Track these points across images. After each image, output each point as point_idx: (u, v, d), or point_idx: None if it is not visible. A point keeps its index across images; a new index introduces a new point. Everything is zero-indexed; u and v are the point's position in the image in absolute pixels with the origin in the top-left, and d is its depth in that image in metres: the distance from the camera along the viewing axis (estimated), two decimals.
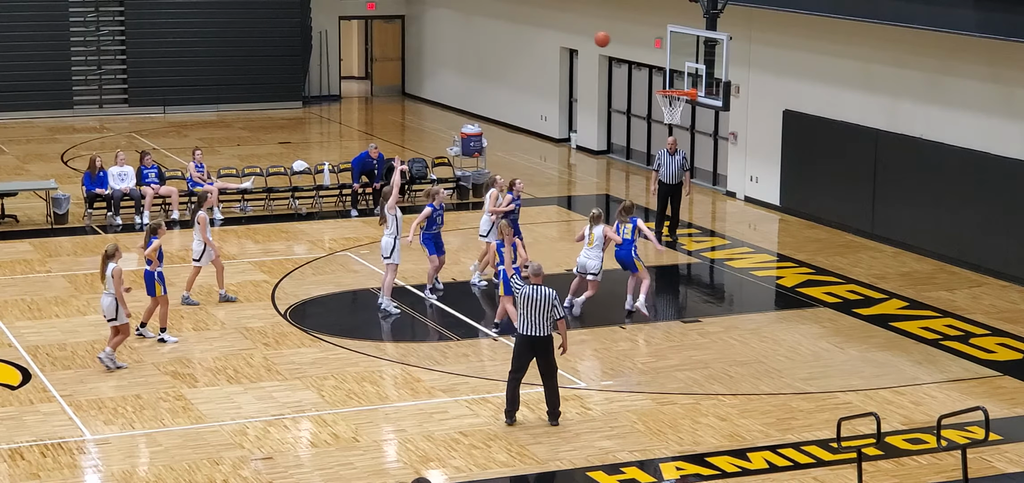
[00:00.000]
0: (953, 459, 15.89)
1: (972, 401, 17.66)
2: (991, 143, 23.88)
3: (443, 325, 21.03)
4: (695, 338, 20.62)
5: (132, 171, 27.09)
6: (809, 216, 27.71)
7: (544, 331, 16.82)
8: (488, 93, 38.57)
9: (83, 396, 17.82)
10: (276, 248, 25.38)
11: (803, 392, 18.39)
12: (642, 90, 33.22)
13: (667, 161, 25.94)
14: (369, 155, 28.23)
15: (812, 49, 27.58)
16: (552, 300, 16.79)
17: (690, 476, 15.79)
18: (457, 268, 24.09)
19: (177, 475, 15.53)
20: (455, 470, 15.79)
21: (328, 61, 42.53)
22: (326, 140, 37.39)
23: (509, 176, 24.61)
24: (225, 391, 18.15)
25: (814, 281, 23.63)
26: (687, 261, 25.41)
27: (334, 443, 16.47)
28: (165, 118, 38.81)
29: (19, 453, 16.08)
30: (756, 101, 29.06)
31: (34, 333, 20.25)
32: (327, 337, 20.41)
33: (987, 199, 23.93)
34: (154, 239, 19.73)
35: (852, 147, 26.59)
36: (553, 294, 16.84)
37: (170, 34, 39.26)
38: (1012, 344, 20.42)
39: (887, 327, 21.15)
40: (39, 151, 33.85)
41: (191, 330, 20.54)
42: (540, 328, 16.79)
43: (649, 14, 31.30)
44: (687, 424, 17.20)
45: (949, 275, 23.98)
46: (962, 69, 24.46)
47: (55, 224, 26.61)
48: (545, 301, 16.75)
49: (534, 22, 36.46)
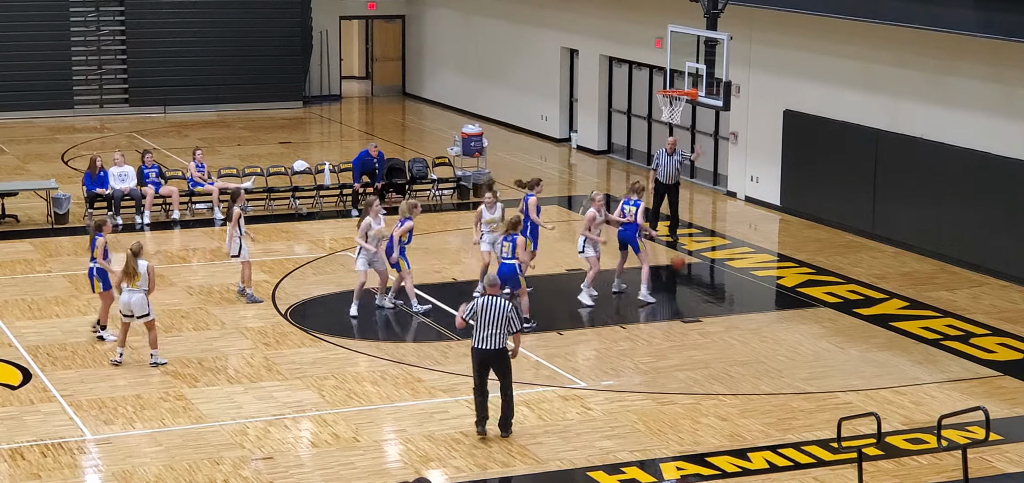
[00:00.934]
0: (953, 459, 15.89)
1: (973, 401, 17.65)
2: (992, 143, 23.88)
3: (443, 325, 21.02)
4: (695, 338, 20.62)
5: (132, 171, 27.09)
6: (809, 216, 27.71)
7: (498, 344, 16.26)
8: (489, 93, 38.56)
9: (83, 396, 17.82)
10: (277, 248, 25.38)
11: (804, 392, 18.39)
12: (642, 90, 33.22)
13: (665, 161, 25.96)
14: (369, 153, 28.23)
15: (813, 49, 27.58)
16: (508, 312, 16.22)
17: (691, 476, 15.78)
18: (458, 268, 24.10)
19: (177, 475, 15.53)
20: (455, 470, 15.79)
21: (329, 61, 42.52)
22: (326, 140, 37.40)
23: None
24: (225, 391, 18.15)
25: (814, 281, 23.63)
26: (687, 261, 25.40)
27: (335, 443, 16.47)
28: (166, 118, 38.81)
29: (19, 453, 16.08)
30: (757, 101, 29.05)
31: (34, 333, 20.25)
32: (328, 337, 20.40)
33: (988, 199, 23.92)
34: (99, 236, 19.84)
35: (853, 147, 26.58)
36: (510, 306, 16.32)
37: (171, 34, 39.25)
38: (1012, 344, 20.42)
39: (888, 327, 21.14)
40: (39, 151, 33.85)
41: (191, 330, 20.54)
42: (495, 341, 16.25)
43: (649, 14, 31.30)
44: (688, 424, 17.20)
45: (950, 275, 23.98)
46: (963, 69, 24.46)
47: (56, 224, 26.61)
48: (501, 313, 16.18)
49: (534, 22, 36.46)
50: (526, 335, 18.92)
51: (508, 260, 20.40)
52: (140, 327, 19.06)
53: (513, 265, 20.42)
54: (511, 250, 20.39)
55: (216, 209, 27.21)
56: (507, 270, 20.32)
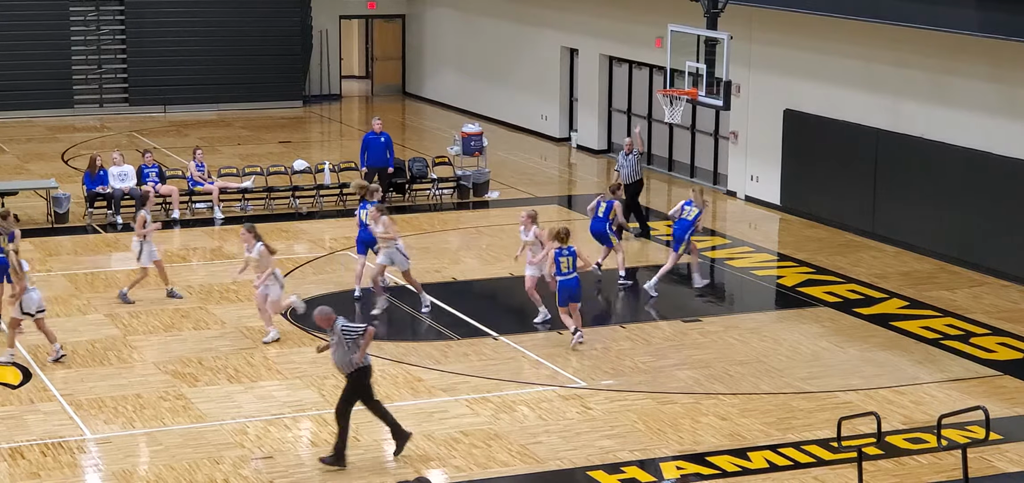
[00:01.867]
0: (953, 459, 15.89)
1: (972, 400, 17.65)
2: (992, 143, 23.87)
3: (443, 324, 21.02)
4: (695, 338, 20.62)
5: (132, 170, 27.09)
6: (810, 215, 27.70)
7: (348, 369, 15.67)
8: (489, 92, 38.56)
9: (83, 395, 17.82)
10: (276, 247, 25.32)
11: (803, 391, 18.39)
12: (643, 90, 33.21)
13: (623, 162, 26.06)
14: (373, 132, 28.26)
15: (813, 48, 27.58)
16: (347, 338, 15.55)
17: (690, 475, 15.78)
18: (458, 268, 24.10)
19: (177, 474, 15.53)
20: (455, 470, 15.79)
21: (329, 60, 42.52)
22: (327, 139, 37.40)
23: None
24: (225, 390, 18.15)
25: (814, 280, 23.62)
26: (687, 261, 25.41)
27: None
28: (166, 117, 38.80)
29: (20, 452, 16.08)
30: (757, 100, 29.05)
31: (34, 332, 20.22)
32: (328, 337, 20.36)
33: (988, 199, 23.92)
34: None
35: (853, 147, 26.57)
36: (350, 330, 15.60)
37: (171, 33, 39.25)
38: (1012, 344, 20.41)
39: (888, 326, 21.14)
40: (40, 150, 33.85)
41: (191, 329, 20.54)
42: (345, 366, 15.71)
43: (650, 13, 31.29)
44: (687, 423, 17.20)
45: (950, 274, 23.98)
46: (964, 69, 24.45)
47: (55, 223, 26.61)
48: (343, 340, 15.59)
49: (535, 21, 36.46)
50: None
51: (601, 218, 23.08)
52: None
53: (603, 222, 23.05)
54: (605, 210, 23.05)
55: (216, 209, 27.21)
56: (597, 226, 23.19)
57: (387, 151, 28.21)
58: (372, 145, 28.22)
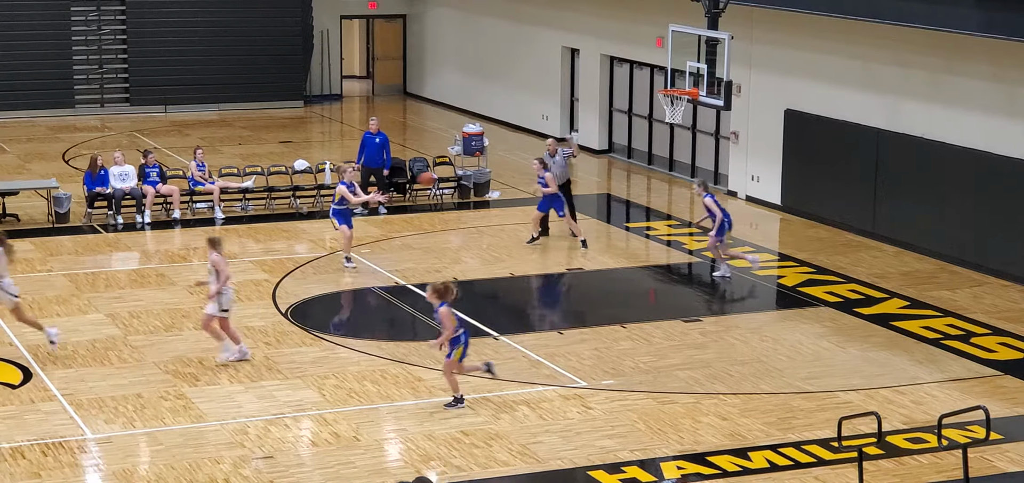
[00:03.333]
0: (954, 458, 15.89)
1: (973, 400, 17.65)
2: (993, 143, 23.87)
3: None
4: (696, 337, 20.62)
5: (132, 170, 27.09)
6: (810, 215, 27.71)
7: None
8: (489, 92, 38.57)
9: (84, 395, 17.82)
10: (277, 247, 25.38)
11: (804, 391, 18.39)
12: (643, 89, 33.22)
13: (551, 164, 25.87)
14: (369, 133, 28.25)
15: (814, 48, 27.58)
16: None
17: (691, 475, 15.78)
18: (458, 268, 24.10)
19: (178, 474, 15.53)
20: (456, 469, 15.79)
21: (329, 60, 42.53)
22: (327, 139, 37.41)
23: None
24: (226, 390, 18.15)
25: (815, 280, 23.62)
26: (687, 260, 25.43)
27: (335, 442, 16.47)
28: (166, 117, 38.82)
29: (20, 452, 16.08)
30: (757, 100, 29.05)
31: (35, 332, 20.23)
32: (328, 336, 20.41)
33: (989, 199, 23.92)
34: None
35: (853, 147, 26.58)
36: None
37: (171, 33, 39.27)
38: (1013, 343, 20.41)
39: (888, 326, 21.14)
40: (40, 150, 33.86)
41: (191, 329, 20.54)
42: None
43: (650, 13, 31.30)
44: (688, 423, 17.19)
45: (950, 274, 23.97)
46: (964, 69, 24.45)
47: (56, 223, 26.62)
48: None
49: (535, 21, 36.46)
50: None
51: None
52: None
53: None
54: None
55: (217, 208, 27.21)
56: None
57: (383, 151, 28.20)
58: (368, 145, 28.23)
